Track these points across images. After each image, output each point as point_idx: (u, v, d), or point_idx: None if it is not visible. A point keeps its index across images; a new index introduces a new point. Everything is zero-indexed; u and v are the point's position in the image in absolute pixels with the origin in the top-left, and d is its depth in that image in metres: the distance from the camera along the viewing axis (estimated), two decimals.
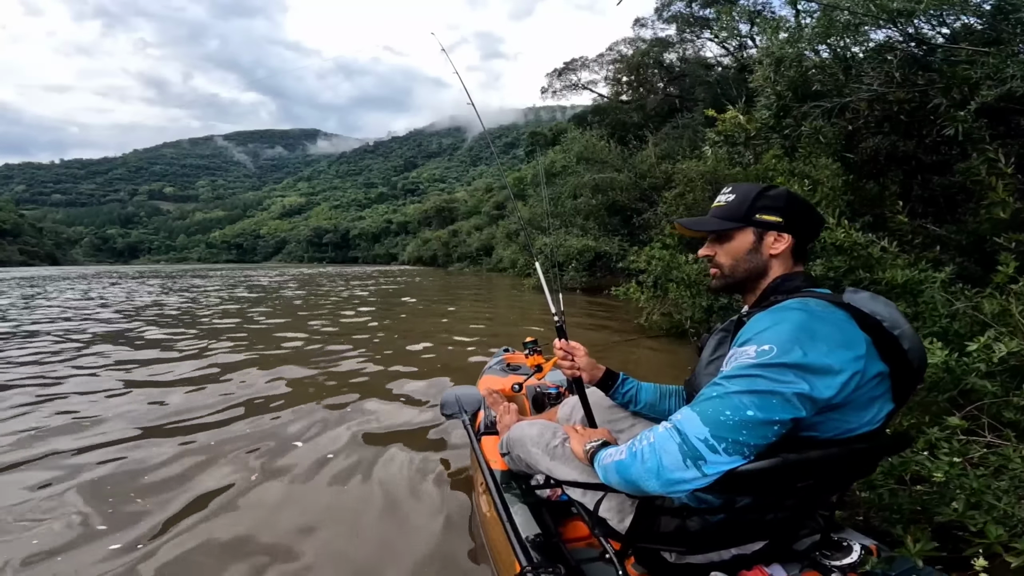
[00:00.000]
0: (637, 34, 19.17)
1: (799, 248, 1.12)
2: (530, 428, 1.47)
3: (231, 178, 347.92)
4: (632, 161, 14.22)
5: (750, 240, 1.11)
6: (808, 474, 0.99)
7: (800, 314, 0.93)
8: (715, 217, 1.15)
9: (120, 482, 2.44)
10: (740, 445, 0.85)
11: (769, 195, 1.10)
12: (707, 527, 1.07)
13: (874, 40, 4.25)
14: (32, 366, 4.89)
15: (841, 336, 0.91)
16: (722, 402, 0.87)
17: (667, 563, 1.14)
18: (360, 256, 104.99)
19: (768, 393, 0.85)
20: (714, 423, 0.86)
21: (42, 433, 3.06)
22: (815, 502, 1.14)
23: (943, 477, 1.32)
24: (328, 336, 6.79)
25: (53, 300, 12.58)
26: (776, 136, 4.72)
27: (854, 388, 0.90)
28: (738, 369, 0.90)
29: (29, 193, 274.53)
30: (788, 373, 0.86)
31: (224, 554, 1.88)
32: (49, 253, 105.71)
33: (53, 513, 2.15)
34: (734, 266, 1.14)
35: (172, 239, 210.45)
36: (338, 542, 1.96)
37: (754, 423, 0.85)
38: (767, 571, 1.11)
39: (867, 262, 2.47)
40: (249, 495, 2.33)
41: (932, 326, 2.12)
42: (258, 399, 3.79)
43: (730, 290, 1.18)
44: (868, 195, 4.55)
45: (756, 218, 1.10)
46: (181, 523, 2.08)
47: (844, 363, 0.88)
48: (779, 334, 0.90)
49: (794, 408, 0.86)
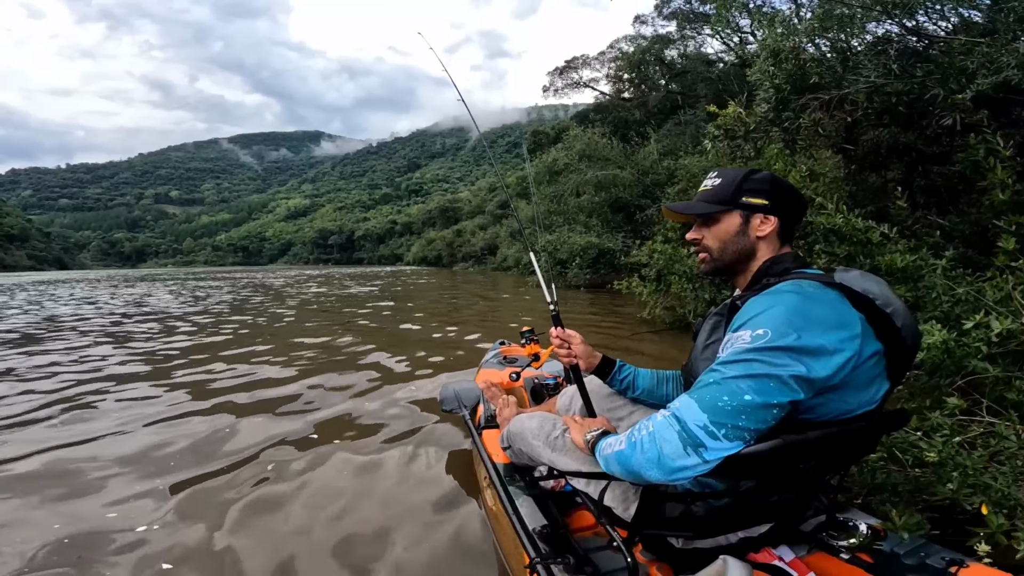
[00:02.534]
0: (638, 31, 19.14)
1: (785, 230, 1.13)
2: (530, 421, 1.48)
3: (236, 181, 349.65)
4: (635, 158, 14.23)
5: (737, 223, 1.12)
6: (809, 455, 0.99)
7: (793, 296, 0.93)
8: (702, 201, 1.16)
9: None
10: (740, 430, 0.85)
11: (754, 178, 1.12)
12: (712, 511, 1.08)
13: (872, 33, 4.26)
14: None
15: (835, 316, 0.91)
16: (720, 388, 0.87)
17: (675, 549, 1.14)
18: (365, 257, 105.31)
19: (765, 377, 0.85)
20: (712, 409, 0.86)
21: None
22: (818, 483, 1.16)
23: (937, 457, 1.33)
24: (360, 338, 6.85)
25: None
26: (776, 129, 4.74)
27: (851, 368, 0.90)
28: (734, 354, 0.90)
29: (36, 198, 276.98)
30: (784, 356, 0.86)
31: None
32: (57, 258, 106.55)
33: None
34: (722, 249, 1.14)
35: (179, 242, 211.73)
36: (345, 544, 1.93)
37: (753, 407, 0.85)
38: (775, 553, 1.13)
39: (867, 248, 2.49)
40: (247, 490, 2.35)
41: (933, 311, 2.13)
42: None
43: (718, 273, 1.18)
44: (870, 187, 4.56)
45: (742, 200, 1.11)
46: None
47: (840, 343, 0.88)
48: (773, 318, 0.90)
49: (792, 391, 0.86)
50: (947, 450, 1.34)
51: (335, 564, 1.81)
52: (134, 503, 2.25)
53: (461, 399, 2.30)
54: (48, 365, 5.08)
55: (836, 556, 1.14)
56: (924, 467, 1.44)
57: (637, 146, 14.90)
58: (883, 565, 1.10)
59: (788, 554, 1.14)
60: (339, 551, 1.88)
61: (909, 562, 1.11)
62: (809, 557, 1.16)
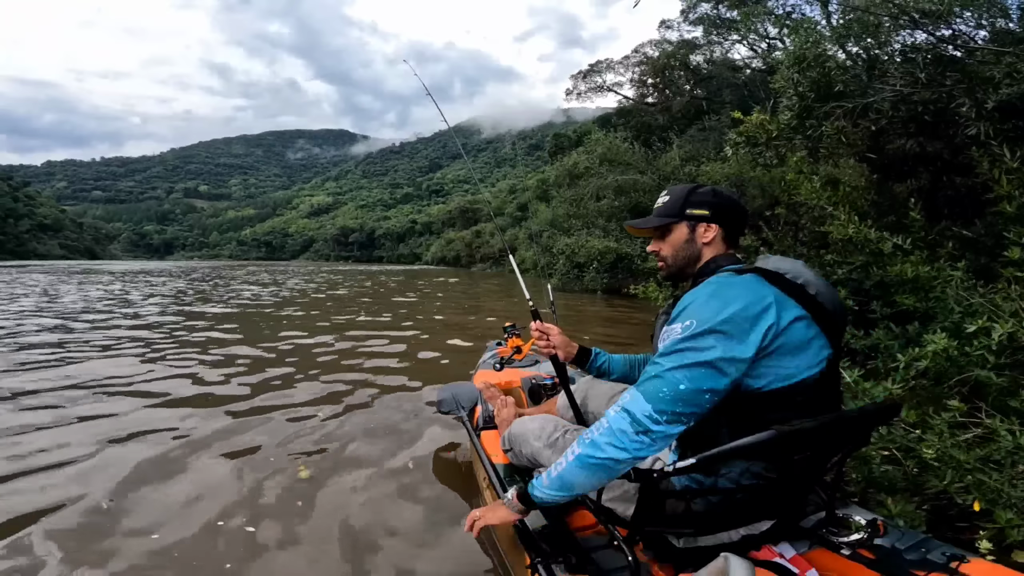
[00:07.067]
0: (663, 36, 19.02)
1: (729, 235, 1.28)
2: (531, 423, 1.54)
3: (262, 177, 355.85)
4: (656, 163, 14.13)
5: (685, 232, 1.28)
6: (803, 445, 1.03)
7: (712, 286, 1.10)
8: (656, 216, 1.32)
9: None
10: (679, 415, 1.00)
11: (698, 192, 1.28)
12: (712, 508, 1.12)
13: (899, 42, 4.20)
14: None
15: (748, 293, 1.05)
16: (659, 380, 1.02)
17: (675, 548, 1.19)
18: (385, 256, 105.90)
19: (695, 365, 1.00)
20: (654, 400, 1.01)
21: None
22: (815, 477, 1.18)
23: (934, 454, 1.35)
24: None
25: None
26: (799, 137, 4.70)
27: (773, 335, 1.02)
28: (669, 346, 1.05)
29: (71, 189, 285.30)
30: (709, 338, 1.01)
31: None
32: (88, 248, 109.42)
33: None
34: (674, 256, 1.30)
35: (205, 236, 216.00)
36: (344, 545, 1.94)
37: (688, 393, 0.99)
38: (776, 550, 1.14)
39: (879, 258, 2.48)
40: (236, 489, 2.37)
41: (943, 321, 2.13)
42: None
43: (675, 278, 1.33)
44: (894, 196, 4.49)
45: (688, 212, 1.27)
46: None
47: (755, 315, 1.02)
48: (696, 307, 1.06)
49: (721, 375, 1.00)
50: (943, 444, 1.36)
51: (334, 564, 1.82)
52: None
53: (459, 400, 2.31)
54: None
55: (837, 552, 1.16)
56: (922, 465, 1.45)
57: (659, 151, 14.81)
58: (884, 560, 1.12)
59: (789, 551, 1.16)
60: (337, 552, 1.89)
61: (910, 557, 1.12)
62: (810, 553, 1.18)
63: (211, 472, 2.51)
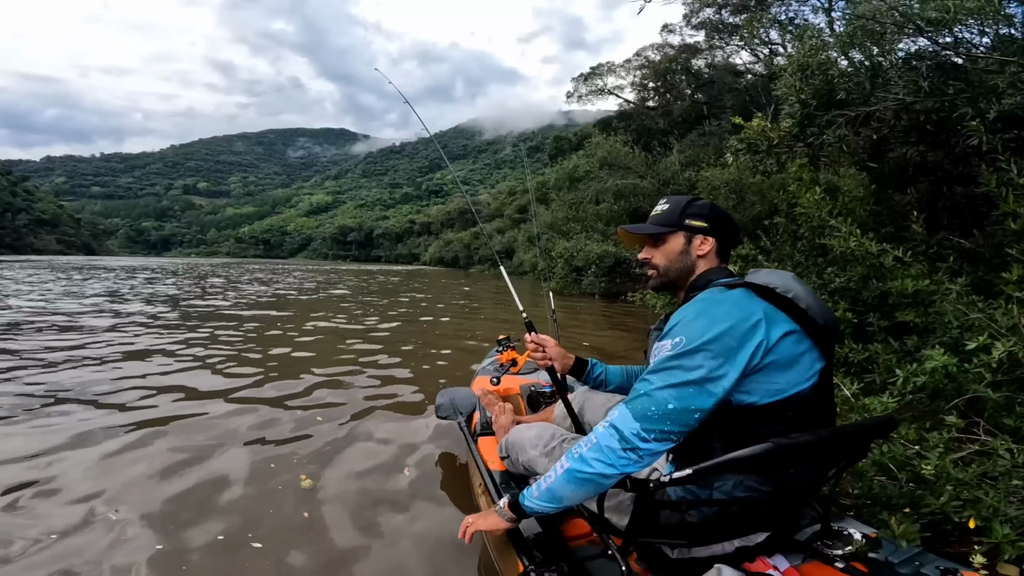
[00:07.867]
0: (665, 40, 19.08)
1: (722, 249, 1.28)
2: (528, 431, 1.54)
3: (262, 175, 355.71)
4: (656, 168, 14.17)
5: (681, 243, 1.27)
6: (799, 458, 1.03)
7: (702, 303, 1.09)
8: (652, 223, 1.30)
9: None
10: (666, 433, 1.00)
11: (697, 204, 1.27)
12: (707, 519, 1.12)
13: (903, 50, 4.20)
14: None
15: (737, 310, 1.04)
16: (648, 399, 1.01)
17: (669, 559, 1.17)
18: (383, 255, 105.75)
19: (684, 384, 1.00)
20: (643, 418, 1.01)
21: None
22: (811, 489, 1.18)
23: (933, 471, 1.34)
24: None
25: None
26: (800, 145, 4.70)
27: (764, 352, 1.01)
28: (658, 363, 1.05)
29: (69, 185, 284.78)
30: (697, 357, 1.00)
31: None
32: (85, 243, 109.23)
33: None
34: (668, 266, 1.28)
35: (203, 233, 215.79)
36: (337, 551, 1.92)
37: (676, 412, 0.99)
38: (770, 562, 1.14)
39: (879, 271, 2.46)
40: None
41: (942, 336, 2.11)
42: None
43: (665, 288, 1.31)
44: (894, 206, 4.48)
45: (686, 223, 1.26)
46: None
47: (743, 332, 1.01)
48: (686, 325, 1.05)
49: (708, 394, 0.99)
50: (942, 461, 1.34)
51: (327, 570, 1.81)
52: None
53: (457, 406, 2.29)
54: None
55: (831, 565, 1.15)
56: (919, 481, 1.45)
57: (659, 155, 14.84)
58: (878, 573, 1.11)
59: (783, 563, 1.15)
60: (331, 558, 1.88)
61: (904, 571, 1.11)
62: (804, 566, 1.17)
63: (213, 482, 2.46)
